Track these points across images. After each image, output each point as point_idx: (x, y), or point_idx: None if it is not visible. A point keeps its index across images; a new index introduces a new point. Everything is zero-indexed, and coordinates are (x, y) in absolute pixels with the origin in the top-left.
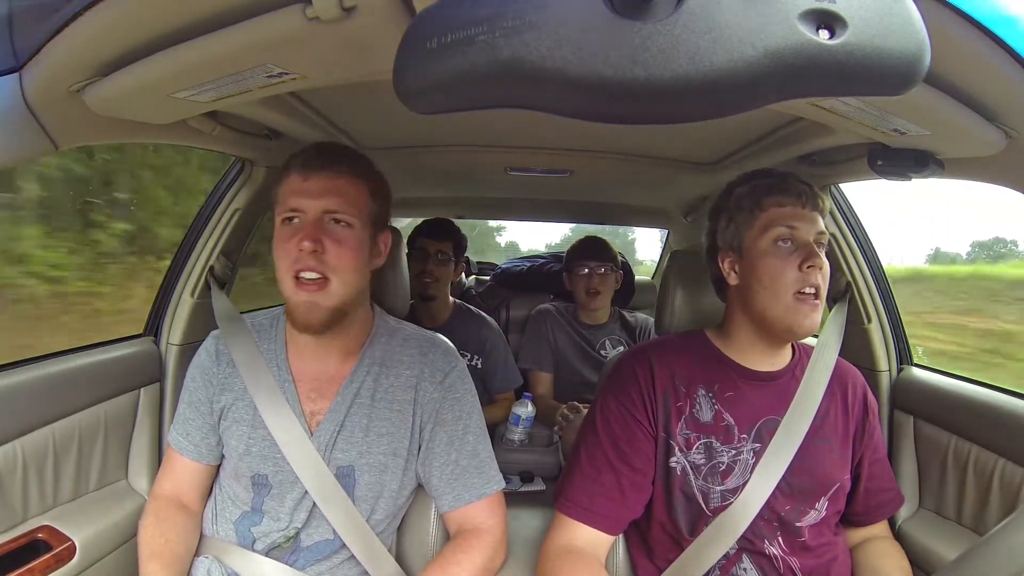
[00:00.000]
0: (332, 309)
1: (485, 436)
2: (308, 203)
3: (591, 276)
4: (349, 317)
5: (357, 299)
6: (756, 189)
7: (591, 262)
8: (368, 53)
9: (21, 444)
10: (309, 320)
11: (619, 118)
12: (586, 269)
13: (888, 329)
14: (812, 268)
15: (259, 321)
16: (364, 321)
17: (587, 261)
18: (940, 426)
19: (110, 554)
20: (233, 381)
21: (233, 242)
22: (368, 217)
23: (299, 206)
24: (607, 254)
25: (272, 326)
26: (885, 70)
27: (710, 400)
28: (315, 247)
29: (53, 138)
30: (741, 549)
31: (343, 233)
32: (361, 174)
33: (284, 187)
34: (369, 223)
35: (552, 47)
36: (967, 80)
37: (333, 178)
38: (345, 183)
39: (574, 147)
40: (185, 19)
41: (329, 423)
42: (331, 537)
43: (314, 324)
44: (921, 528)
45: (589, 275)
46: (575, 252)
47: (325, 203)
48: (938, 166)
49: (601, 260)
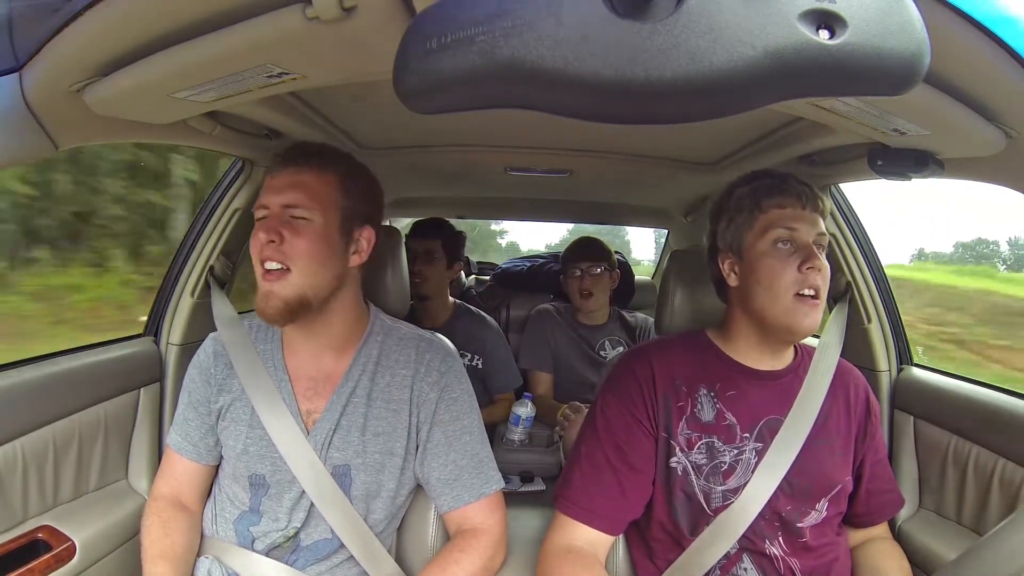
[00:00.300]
0: (289, 299)
1: (483, 436)
2: (271, 199)
3: (583, 277)
4: (322, 311)
5: (325, 292)
6: (756, 190)
7: (583, 263)
8: (368, 53)
9: (21, 444)
10: (266, 309)
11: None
12: (578, 271)
13: (888, 329)
14: (811, 269)
15: (256, 322)
16: (356, 319)
17: (579, 262)
18: (940, 426)
19: (110, 554)
20: (231, 382)
21: (233, 242)
22: (335, 210)
23: (265, 202)
24: (600, 254)
25: (269, 327)
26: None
27: (712, 399)
28: (271, 237)
29: (53, 138)
30: (742, 549)
31: (301, 225)
32: (330, 169)
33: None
34: (337, 216)
35: (552, 47)
36: (967, 80)
37: (296, 174)
38: (309, 178)
39: (574, 147)
40: (185, 19)
41: (325, 422)
42: (329, 536)
43: (269, 313)
44: (921, 528)
45: (581, 276)
46: (568, 254)
47: (285, 198)
48: (938, 166)
49: (593, 260)
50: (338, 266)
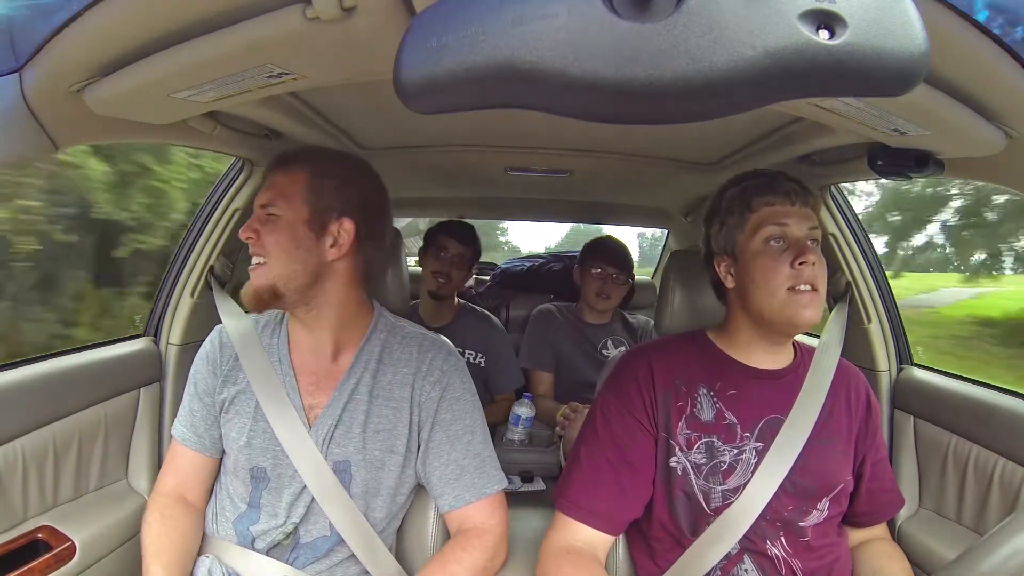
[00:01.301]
0: (260, 287)
1: (486, 435)
2: (255, 204)
3: (605, 280)
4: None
5: (298, 282)
6: (745, 191)
7: (609, 268)
8: (368, 53)
9: (21, 444)
10: (246, 298)
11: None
12: (601, 270)
13: (888, 329)
14: (804, 264)
15: (263, 317)
16: (354, 314)
17: (605, 265)
18: (940, 426)
19: (110, 554)
20: (236, 374)
21: (233, 242)
22: (303, 204)
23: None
24: (627, 264)
25: (275, 322)
26: (885, 70)
27: (711, 399)
28: (248, 235)
29: (53, 138)
30: (743, 549)
31: (272, 221)
32: (298, 167)
33: None
34: (305, 210)
35: (552, 47)
36: (967, 80)
37: (271, 176)
38: (279, 178)
39: (574, 147)
40: (185, 19)
41: (327, 417)
42: (328, 533)
43: (245, 300)
44: (921, 528)
45: (603, 277)
46: (594, 250)
47: (261, 199)
48: (938, 166)
49: (620, 268)
50: (310, 258)
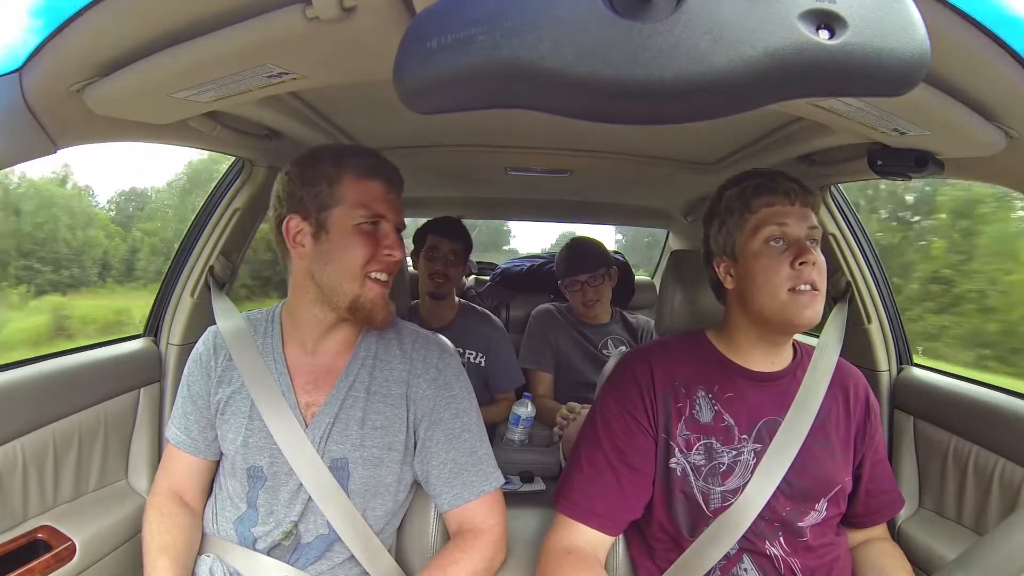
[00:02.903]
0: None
1: (483, 433)
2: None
3: (585, 290)
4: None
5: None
6: (744, 191)
7: (581, 275)
8: (368, 53)
9: (21, 444)
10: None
11: (619, 118)
12: (578, 285)
13: (888, 329)
14: (805, 264)
15: (255, 317)
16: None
17: (577, 275)
18: (940, 426)
19: (110, 554)
20: (231, 375)
21: (233, 242)
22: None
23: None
24: (596, 260)
25: (268, 321)
26: (885, 70)
27: (710, 401)
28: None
29: (53, 138)
30: (742, 550)
31: None
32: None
33: None
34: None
35: (552, 47)
36: (967, 80)
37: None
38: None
39: (574, 147)
40: (185, 19)
41: (324, 415)
42: (326, 532)
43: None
44: (921, 528)
45: (580, 287)
46: (563, 264)
47: (392, 220)
48: (938, 166)
49: (591, 271)
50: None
